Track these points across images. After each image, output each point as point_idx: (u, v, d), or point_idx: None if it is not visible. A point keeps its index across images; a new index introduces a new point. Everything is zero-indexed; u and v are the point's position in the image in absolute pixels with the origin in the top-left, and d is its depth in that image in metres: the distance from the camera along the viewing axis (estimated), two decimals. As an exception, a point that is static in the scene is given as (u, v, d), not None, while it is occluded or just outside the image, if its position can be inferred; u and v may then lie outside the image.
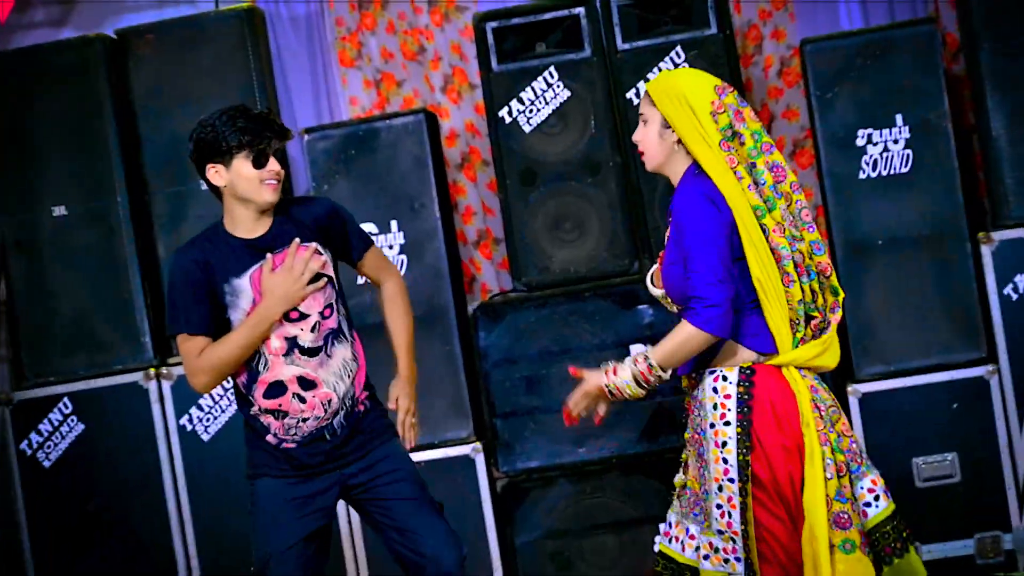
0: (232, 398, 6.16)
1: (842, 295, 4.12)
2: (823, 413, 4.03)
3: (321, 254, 4.38)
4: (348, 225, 4.51)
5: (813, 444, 3.99)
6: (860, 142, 6.01)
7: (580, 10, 6.13)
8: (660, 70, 6.07)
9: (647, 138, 4.10)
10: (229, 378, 4.43)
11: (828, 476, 3.98)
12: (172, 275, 4.34)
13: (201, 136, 4.33)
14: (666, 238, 4.12)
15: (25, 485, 6.31)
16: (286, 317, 4.31)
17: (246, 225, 4.34)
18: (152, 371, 6.26)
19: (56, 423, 6.30)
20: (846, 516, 4.00)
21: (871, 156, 6.01)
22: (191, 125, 6.13)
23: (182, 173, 6.29)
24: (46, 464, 6.30)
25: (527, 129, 6.15)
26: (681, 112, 4.02)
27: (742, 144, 4.00)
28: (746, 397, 4.01)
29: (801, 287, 4.03)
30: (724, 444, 4.02)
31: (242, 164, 4.30)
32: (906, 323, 6.02)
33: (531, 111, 6.15)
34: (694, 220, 3.97)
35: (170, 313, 4.35)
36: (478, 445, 6.09)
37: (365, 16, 6.92)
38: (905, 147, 5.98)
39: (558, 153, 6.19)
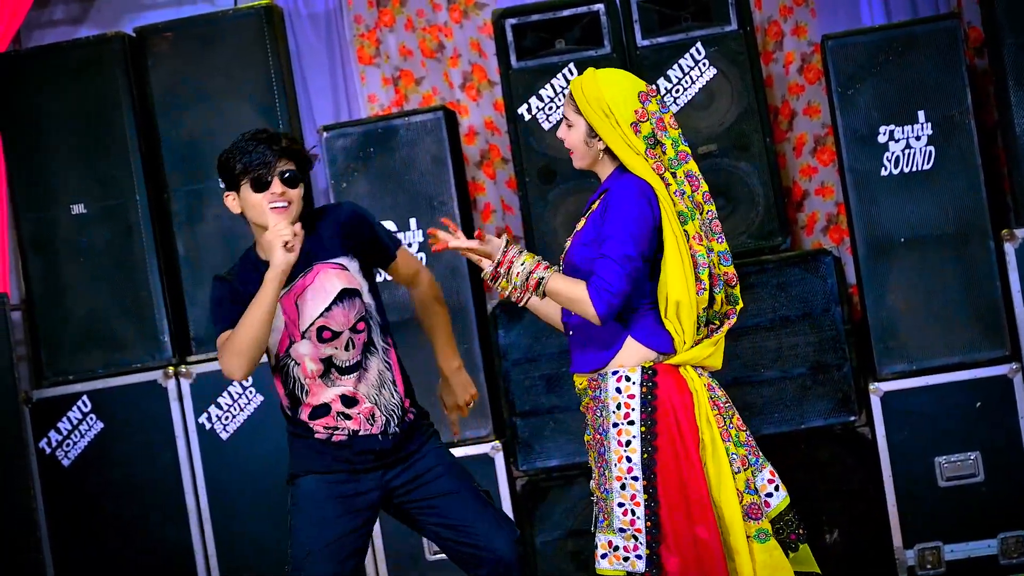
0: (251, 396, 6.25)
1: (740, 305, 4.19)
2: (721, 410, 4.11)
3: (346, 268, 4.35)
4: (374, 228, 4.46)
5: (716, 440, 4.09)
6: (882, 139, 5.98)
7: (599, 7, 6.11)
8: (681, 69, 6.10)
9: (574, 142, 4.17)
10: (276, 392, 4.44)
11: (735, 470, 4.08)
12: (210, 298, 4.41)
13: (218, 163, 4.33)
14: (584, 221, 4.19)
15: (44, 483, 6.33)
16: (319, 338, 4.30)
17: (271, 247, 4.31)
18: (171, 369, 6.28)
19: (75, 421, 6.33)
20: (756, 507, 4.09)
21: (893, 153, 5.98)
22: (209, 123, 6.30)
23: (200, 171, 6.36)
24: (65, 463, 6.33)
25: (546, 126, 6.14)
26: (605, 123, 4.07)
27: (664, 153, 4.07)
28: (650, 397, 4.08)
29: (712, 296, 4.12)
30: (628, 443, 4.09)
31: (246, 191, 4.27)
32: (928, 321, 6.01)
33: (550, 108, 6.14)
34: (625, 209, 4.04)
35: (213, 330, 4.40)
36: (497, 444, 6.09)
37: (383, 13, 6.92)
38: (928, 144, 5.96)
39: None
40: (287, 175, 4.27)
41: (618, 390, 4.10)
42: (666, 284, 4.09)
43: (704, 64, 6.07)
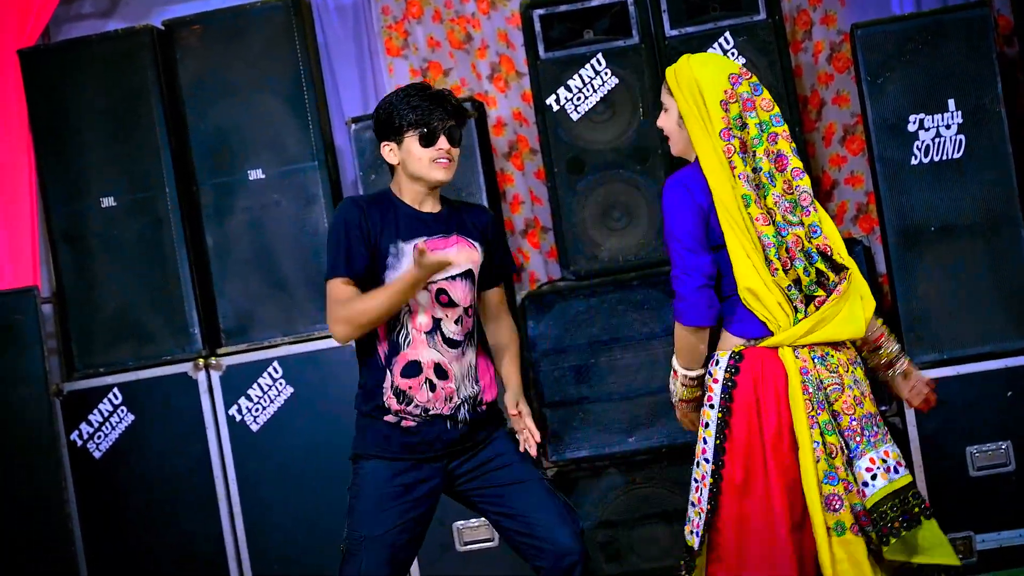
0: (282, 387, 6.29)
1: (851, 266, 4.20)
2: (813, 394, 4.13)
3: (478, 253, 4.46)
4: (506, 242, 4.61)
5: (802, 428, 4.12)
6: (912, 128, 5.98)
7: (628, -4, 6.14)
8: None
9: (669, 127, 4.32)
10: (371, 342, 4.45)
11: (816, 459, 4.11)
12: (335, 220, 4.41)
13: (378, 114, 4.42)
14: None
15: (76, 476, 6.37)
16: (437, 299, 4.37)
17: (415, 199, 4.42)
18: (201, 361, 6.31)
19: (106, 414, 6.37)
20: (837, 498, 4.11)
21: (923, 142, 5.97)
22: (238, 115, 6.36)
23: (229, 163, 6.44)
24: (96, 455, 6.37)
25: (575, 117, 6.15)
26: (692, 105, 4.20)
27: (748, 133, 4.16)
28: (730, 384, 4.19)
29: (797, 272, 4.15)
30: (707, 425, 4.24)
31: (412, 143, 4.37)
32: (959, 310, 6.00)
33: (579, 99, 6.14)
34: (667, 211, 4.23)
35: (328, 257, 4.42)
36: (527, 435, 6.09)
37: (411, 4, 6.94)
38: (958, 132, 5.95)
39: (606, 141, 6.19)
40: (453, 134, 4.40)
41: (709, 373, 4.24)
42: (735, 272, 4.18)
43: (733, 54, 6.06)
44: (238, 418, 6.30)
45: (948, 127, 5.94)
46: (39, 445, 6.30)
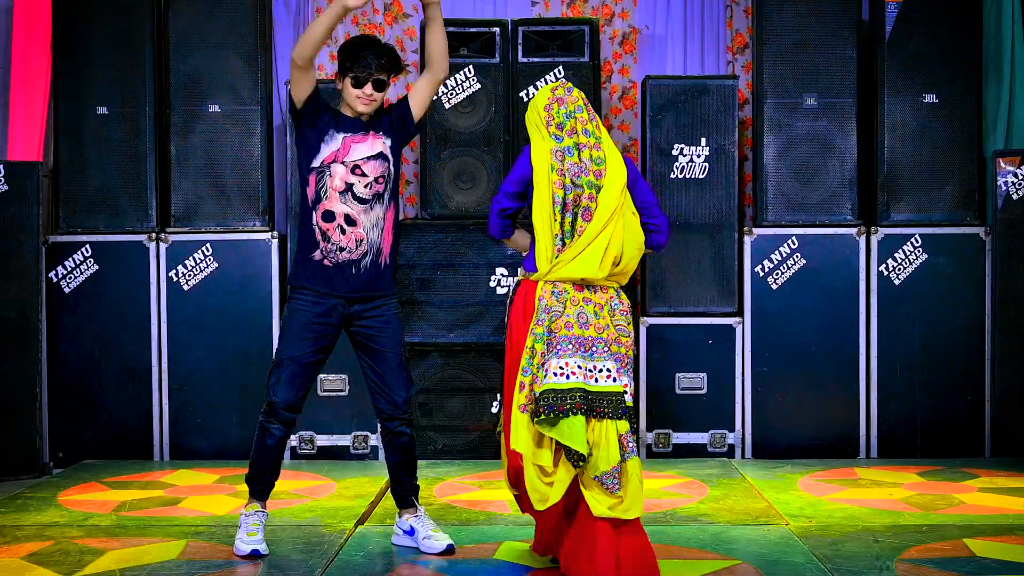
0: (209, 262, 7.32)
1: (598, 222, 4.71)
2: (538, 314, 4.81)
3: (385, 142, 5.15)
4: (402, 102, 5.21)
5: (527, 335, 4.86)
6: (675, 152, 7.20)
7: (496, 29, 7.39)
8: (545, 80, 7.30)
9: None
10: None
11: (527, 357, 4.84)
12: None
13: (339, 53, 5.16)
14: None
15: (49, 304, 7.34)
16: (352, 170, 5.04)
17: (349, 112, 5.22)
18: (153, 235, 7.36)
19: (78, 262, 7.39)
20: (523, 385, 4.79)
21: (681, 164, 7.21)
22: (208, 63, 7.48)
23: (196, 97, 7.42)
24: (66, 290, 7.39)
25: (447, 106, 7.37)
26: (530, 115, 5.03)
27: (556, 119, 4.91)
28: (509, 302, 4.98)
29: (565, 222, 4.81)
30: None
31: (348, 81, 5.16)
32: (685, 280, 7.22)
33: (452, 94, 7.40)
34: (515, 164, 5.06)
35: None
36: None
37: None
38: (704, 160, 7.21)
39: (466, 127, 7.34)
40: (378, 82, 5.14)
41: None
42: (533, 223, 4.89)
43: (559, 73, 7.36)
44: (175, 279, 7.36)
45: (699, 156, 7.31)
46: (27, 277, 7.16)
